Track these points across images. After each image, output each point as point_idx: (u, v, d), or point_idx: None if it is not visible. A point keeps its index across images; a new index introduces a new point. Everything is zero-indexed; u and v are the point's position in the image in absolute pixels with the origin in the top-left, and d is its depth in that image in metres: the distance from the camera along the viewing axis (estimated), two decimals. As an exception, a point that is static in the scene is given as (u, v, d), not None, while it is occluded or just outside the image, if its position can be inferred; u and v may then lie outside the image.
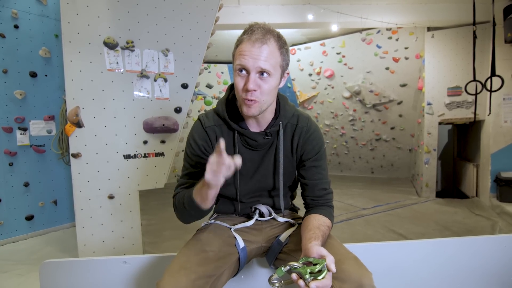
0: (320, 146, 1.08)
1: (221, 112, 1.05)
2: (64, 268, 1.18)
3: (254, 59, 0.89)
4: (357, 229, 3.07)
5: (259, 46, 0.89)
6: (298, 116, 1.08)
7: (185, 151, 1.09)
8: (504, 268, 1.30)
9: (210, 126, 1.05)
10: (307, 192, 1.09)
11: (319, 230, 0.93)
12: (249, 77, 0.91)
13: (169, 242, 2.72)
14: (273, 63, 0.92)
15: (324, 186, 1.08)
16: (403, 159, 5.40)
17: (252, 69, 0.90)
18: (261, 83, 0.92)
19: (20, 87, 2.77)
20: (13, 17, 2.71)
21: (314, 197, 1.08)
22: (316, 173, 1.07)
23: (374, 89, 5.13)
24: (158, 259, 1.19)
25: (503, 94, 3.52)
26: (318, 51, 5.46)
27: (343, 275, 0.85)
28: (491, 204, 3.58)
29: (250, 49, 0.89)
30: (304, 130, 1.07)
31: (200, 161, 1.04)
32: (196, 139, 1.05)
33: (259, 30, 0.91)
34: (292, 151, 1.08)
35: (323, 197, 1.07)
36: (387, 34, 4.82)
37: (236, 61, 0.92)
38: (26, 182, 2.82)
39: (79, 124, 2.01)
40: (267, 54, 0.90)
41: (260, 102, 0.94)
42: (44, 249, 2.59)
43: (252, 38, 0.90)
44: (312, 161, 1.07)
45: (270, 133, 1.04)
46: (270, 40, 0.91)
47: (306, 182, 1.08)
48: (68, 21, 1.95)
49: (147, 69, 2.14)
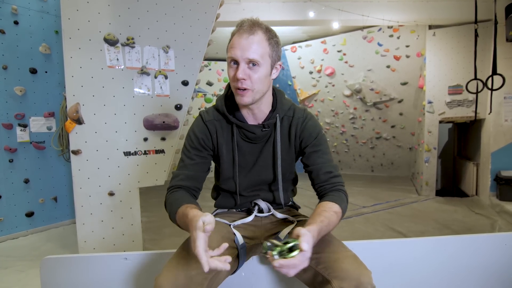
0: (317, 131, 1.09)
1: (220, 107, 1.09)
2: (64, 264, 1.18)
3: (242, 50, 0.95)
4: (357, 227, 3.07)
5: (246, 37, 0.95)
6: (295, 109, 1.12)
7: (184, 144, 1.11)
8: (504, 266, 1.30)
9: (210, 120, 1.09)
10: (314, 180, 1.08)
11: (319, 215, 0.91)
12: (238, 67, 0.96)
13: (169, 239, 2.73)
14: (260, 53, 0.96)
15: (328, 169, 1.05)
16: (403, 158, 5.40)
17: (240, 59, 0.96)
18: (251, 72, 0.97)
19: (20, 84, 2.76)
20: (13, 13, 2.70)
21: (321, 183, 1.06)
22: (317, 158, 1.07)
23: (374, 87, 5.11)
24: (158, 255, 1.19)
25: (504, 92, 3.51)
26: (319, 49, 5.45)
27: (342, 273, 0.85)
28: (491, 203, 3.58)
29: (239, 40, 0.95)
30: (300, 121, 1.10)
31: (197, 153, 1.07)
32: (196, 132, 1.08)
33: (247, 23, 0.97)
34: (290, 142, 1.10)
35: (329, 181, 1.05)
36: (388, 32, 4.80)
37: (227, 54, 0.98)
38: (26, 178, 2.82)
39: (79, 121, 2.00)
40: (254, 44, 0.95)
41: (252, 91, 0.98)
42: (45, 245, 2.60)
43: (240, 31, 0.96)
44: (311, 147, 1.08)
45: (267, 125, 1.07)
46: (257, 31, 0.96)
47: (311, 169, 1.08)
48: (68, 17, 1.95)
49: (148, 66, 2.13)
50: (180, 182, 1.04)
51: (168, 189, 1.05)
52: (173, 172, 1.08)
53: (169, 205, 0.99)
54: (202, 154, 1.08)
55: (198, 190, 1.09)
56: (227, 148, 1.10)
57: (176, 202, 0.97)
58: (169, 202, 1.00)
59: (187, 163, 1.07)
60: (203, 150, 1.08)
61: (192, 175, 1.06)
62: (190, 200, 0.98)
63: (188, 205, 0.93)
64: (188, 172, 1.05)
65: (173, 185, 1.04)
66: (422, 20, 3.81)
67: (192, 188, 1.06)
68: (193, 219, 0.81)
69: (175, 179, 1.05)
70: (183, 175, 1.05)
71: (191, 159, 1.07)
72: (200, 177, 1.08)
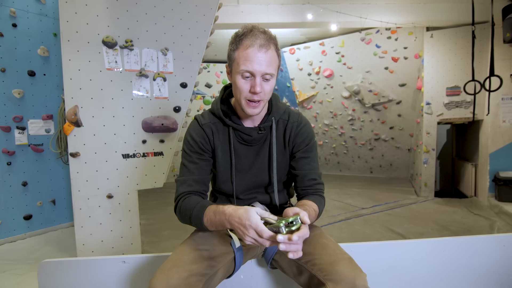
0: (310, 139, 1.13)
1: (216, 111, 1.09)
2: (62, 267, 1.18)
3: (260, 64, 0.95)
4: (356, 228, 3.07)
5: (265, 52, 0.95)
6: (289, 112, 1.14)
7: (183, 149, 1.11)
8: (502, 267, 1.30)
9: (206, 124, 1.09)
10: (298, 183, 1.13)
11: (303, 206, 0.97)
12: (255, 81, 0.96)
13: (168, 242, 2.72)
14: (275, 67, 0.99)
15: (313, 176, 1.11)
16: (402, 159, 5.41)
17: (258, 74, 0.96)
18: (264, 84, 0.98)
19: (19, 86, 2.76)
20: (11, 15, 2.70)
21: (304, 187, 1.11)
22: (305, 164, 1.11)
23: (373, 88, 5.13)
24: (156, 258, 1.18)
25: (501, 94, 3.52)
26: (317, 51, 5.47)
27: (337, 276, 0.86)
28: (490, 204, 3.59)
29: (257, 54, 0.95)
30: (295, 125, 1.12)
31: (199, 157, 1.08)
32: (194, 136, 1.08)
33: (262, 36, 0.96)
34: (285, 145, 1.12)
35: (313, 186, 1.11)
36: (386, 34, 4.82)
37: (241, 66, 0.96)
38: (24, 181, 2.81)
39: (78, 123, 2.00)
40: (271, 59, 0.97)
41: (264, 101, 1.01)
42: (43, 248, 2.58)
43: (256, 44, 0.95)
44: (302, 152, 1.12)
45: (263, 128, 1.09)
46: (272, 46, 0.98)
47: (297, 173, 1.12)
48: (67, 20, 1.95)
49: (146, 68, 2.13)
50: (189, 188, 1.04)
51: (178, 197, 1.04)
52: (177, 180, 1.08)
53: (188, 210, 0.99)
54: (203, 157, 1.08)
55: (206, 193, 1.10)
56: (223, 151, 1.10)
57: (197, 206, 0.97)
58: (185, 208, 1.00)
59: (191, 168, 1.06)
60: (204, 153, 1.08)
61: (199, 179, 1.06)
62: (209, 202, 1.00)
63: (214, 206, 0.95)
64: (194, 176, 1.05)
65: (183, 192, 1.04)
66: (420, 22, 3.83)
67: (201, 192, 1.07)
68: (235, 213, 0.84)
69: (183, 185, 1.05)
70: (191, 180, 1.05)
71: (194, 163, 1.07)
72: (206, 179, 1.09)
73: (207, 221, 0.94)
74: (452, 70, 3.96)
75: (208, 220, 0.94)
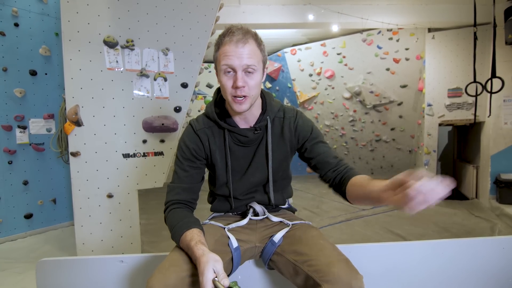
0: (311, 125, 1.13)
1: (210, 114, 1.09)
2: (60, 266, 1.18)
3: (239, 58, 0.95)
4: (356, 229, 3.07)
5: (242, 46, 0.95)
6: (284, 109, 1.14)
7: (176, 155, 1.11)
8: (502, 270, 1.30)
9: (201, 129, 1.09)
10: (324, 167, 1.09)
11: (369, 180, 0.93)
12: (236, 75, 0.96)
13: (168, 242, 2.70)
14: (256, 60, 0.98)
15: (334, 154, 1.10)
16: (403, 160, 5.39)
17: (238, 67, 0.96)
18: (248, 79, 0.98)
19: (20, 85, 2.77)
20: (13, 15, 2.71)
21: (333, 167, 1.07)
22: (319, 148, 1.11)
23: (374, 90, 5.12)
24: (154, 258, 1.18)
25: (503, 95, 3.51)
26: (318, 52, 5.46)
27: (333, 277, 0.86)
28: (491, 206, 3.57)
29: (234, 49, 0.95)
30: (292, 120, 1.12)
31: (190, 164, 1.08)
32: (187, 143, 1.08)
33: (239, 31, 0.97)
34: (285, 142, 1.12)
35: (339, 163, 1.08)
36: (387, 35, 4.81)
37: (222, 62, 0.97)
38: (25, 180, 2.82)
39: (79, 123, 2.01)
40: (250, 52, 0.96)
41: (250, 97, 1.00)
42: (43, 247, 2.59)
43: (234, 39, 0.96)
44: (310, 140, 1.11)
45: (259, 128, 1.08)
46: (250, 39, 0.98)
47: (317, 160, 1.10)
48: (68, 20, 1.95)
49: (147, 68, 2.13)
50: (177, 197, 1.05)
51: (166, 204, 1.06)
52: (168, 186, 1.09)
53: (171, 225, 1.00)
54: (195, 165, 1.08)
55: (195, 201, 1.10)
56: (220, 154, 1.10)
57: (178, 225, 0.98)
58: (170, 221, 1.01)
59: (181, 175, 1.07)
60: (196, 160, 1.08)
61: (188, 188, 1.07)
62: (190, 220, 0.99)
63: (192, 233, 0.94)
64: (183, 185, 1.06)
65: (170, 200, 1.05)
66: (422, 23, 3.82)
67: (189, 201, 1.07)
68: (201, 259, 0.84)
69: (171, 193, 1.06)
70: (179, 189, 1.06)
71: (184, 171, 1.07)
72: (195, 187, 1.09)
73: (182, 245, 0.95)
74: (454, 71, 3.95)
75: (182, 245, 0.95)
